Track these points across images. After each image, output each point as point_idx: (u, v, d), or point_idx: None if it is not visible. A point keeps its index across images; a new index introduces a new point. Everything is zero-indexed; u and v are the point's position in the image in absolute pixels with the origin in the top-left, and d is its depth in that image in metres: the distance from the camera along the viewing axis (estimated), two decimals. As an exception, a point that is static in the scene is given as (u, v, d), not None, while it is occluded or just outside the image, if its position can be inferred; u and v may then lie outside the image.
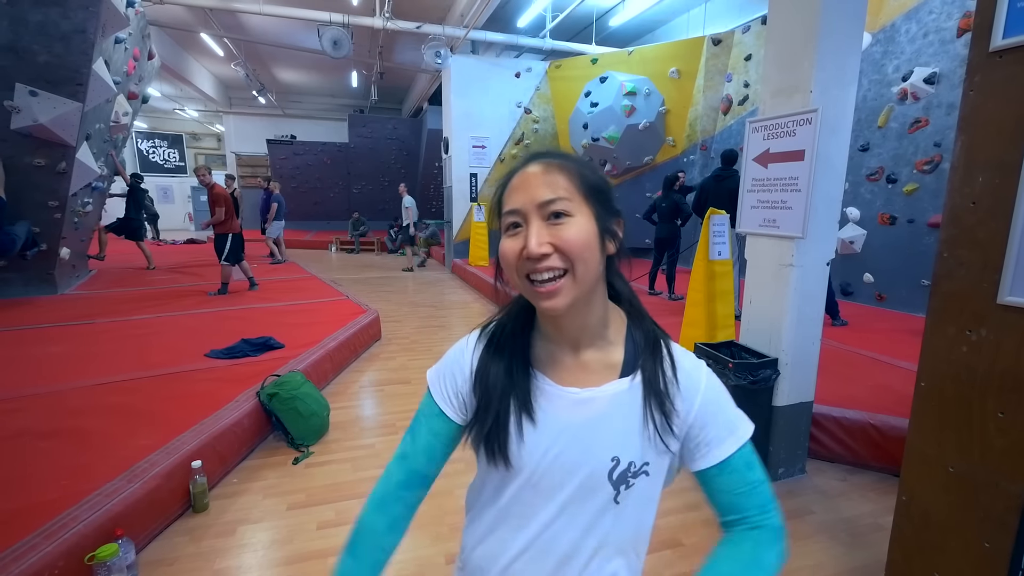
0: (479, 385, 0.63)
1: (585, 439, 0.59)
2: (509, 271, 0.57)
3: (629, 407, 0.59)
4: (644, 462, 0.59)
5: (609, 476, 0.58)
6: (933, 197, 4.60)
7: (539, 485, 0.60)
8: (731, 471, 0.60)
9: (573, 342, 0.61)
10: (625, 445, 0.58)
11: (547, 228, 0.53)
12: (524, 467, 0.60)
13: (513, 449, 0.60)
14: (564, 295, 0.53)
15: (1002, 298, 1.17)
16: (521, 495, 0.61)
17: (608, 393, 0.59)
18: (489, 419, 0.61)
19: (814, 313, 2.31)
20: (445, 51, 8.27)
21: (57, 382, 2.91)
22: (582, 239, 0.53)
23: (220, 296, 5.65)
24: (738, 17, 7.78)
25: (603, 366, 0.61)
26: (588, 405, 0.59)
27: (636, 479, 0.59)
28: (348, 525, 2.13)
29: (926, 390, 1.37)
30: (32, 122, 4.53)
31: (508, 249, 0.56)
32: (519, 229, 0.55)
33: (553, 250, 0.52)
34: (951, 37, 4.40)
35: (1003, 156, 1.17)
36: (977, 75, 1.23)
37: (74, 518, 1.67)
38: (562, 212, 0.53)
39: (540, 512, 0.60)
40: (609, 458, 0.58)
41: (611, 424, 0.59)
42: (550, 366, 0.62)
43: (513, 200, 0.56)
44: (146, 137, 16.83)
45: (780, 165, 2.22)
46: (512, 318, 0.65)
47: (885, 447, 2.42)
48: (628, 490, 0.59)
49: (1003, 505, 1.19)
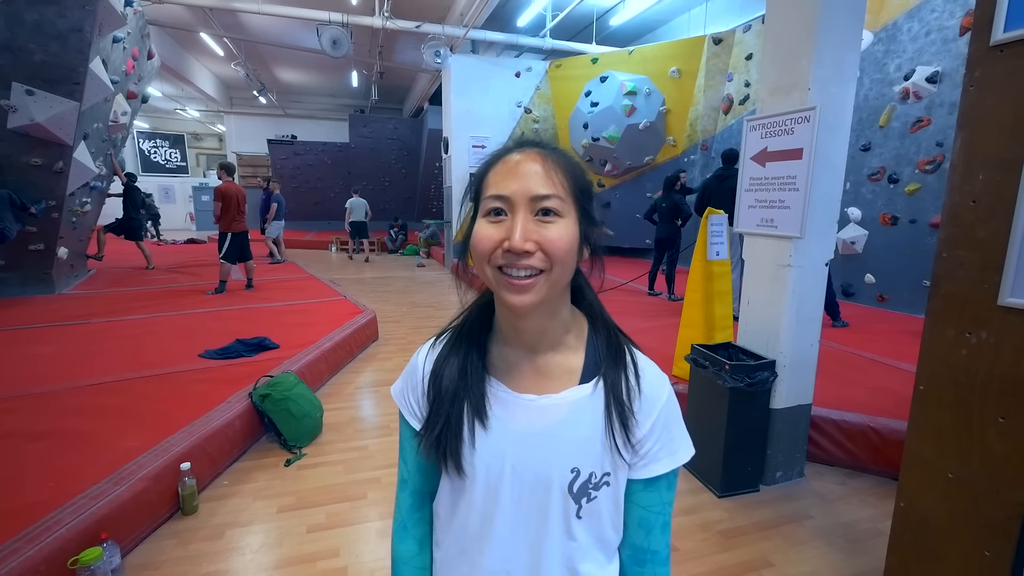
0: (432, 389, 0.60)
1: (543, 448, 0.56)
2: (480, 260, 0.52)
3: (589, 415, 0.56)
4: (605, 472, 0.56)
5: (569, 488, 0.55)
6: (935, 197, 4.55)
7: (498, 497, 0.57)
8: (655, 489, 0.58)
9: (531, 346, 0.58)
10: (585, 455, 0.55)
11: (534, 224, 0.50)
12: (479, 476, 0.57)
13: (465, 455, 0.57)
14: (535, 293, 0.50)
15: (1003, 300, 1.14)
16: (483, 507, 0.58)
17: (567, 400, 0.57)
18: (440, 423, 0.58)
19: (813, 314, 2.28)
20: (445, 51, 8.24)
21: (50, 382, 2.89)
22: (567, 242, 0.50)
23: (217, 295, 5.61)
24: (739, 16, 7.74)
25: (562, 371, 0.58)
26: (546, 412, 0.56)
27: (598, 492, 0.56)
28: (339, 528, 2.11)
29: (925, 393, 1.34)
30: (29, 121, 4.51)
31: (485, 236, 0.51)
32: (502, 217, 0.51)
33: (537, 248, 0.49)
34: (954, 36, 4.36)
35: (1004, 153, 1.14)
36: (977, 70, 1.20)
37: (58, 521, 1.65)
38: (553, 211, 0.50)
39: (501, 527, 0.57)
40: (568, 469, 0.55)
41: (570, 433, 0.56)
42: (506, 372, 0.59)
43: (503, 185, 0.51)
44: (147, 137, 16.85)
45: (778, 164, 2.19)
46: (469, 320, 0.62)
47: (885, 450, 2.39)
48: (591, 503, 0.56)
49: (1004, 512, 1.16)
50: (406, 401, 0.64)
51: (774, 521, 2.10)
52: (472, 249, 0.53)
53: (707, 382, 2.31)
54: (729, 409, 2.19)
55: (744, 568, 1.83)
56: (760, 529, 2.05)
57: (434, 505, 0.66)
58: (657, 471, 0.57)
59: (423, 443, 0.60)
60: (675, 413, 0.59)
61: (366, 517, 2.11)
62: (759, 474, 2.34)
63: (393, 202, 14.91)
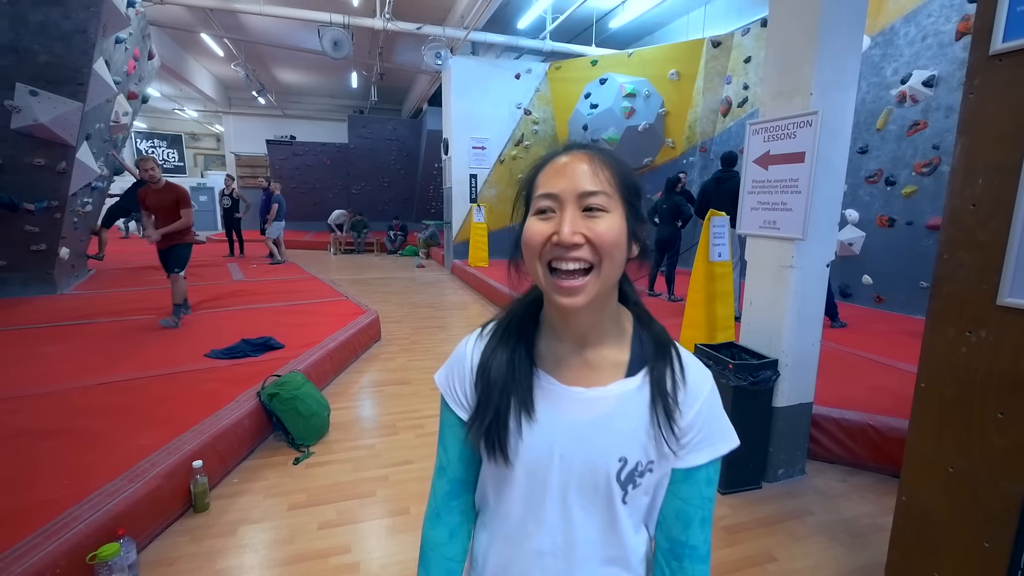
0: (480, 381, 0.62)
1: (592, 439, 0.58)
2: (530, 256, 0.55)
3: (636, 407, 0.59)
4: (650, 460, 0.58)
5: (617, 477, 0.58)
6: (932, 199, 4.62)
7: (547, 485, 0.60)
8: (694, 481, 0.60)
9: (580, 339, 0.60)
10: (632, 445, 0.58)
11: (582, 219, 0.52)
12: (528, 465, 0.60)
13: (512, 445, 0.59)
14: (586, 293, 0.53)
15: (1002, 299, 1.18)
16: (530, 495, 0.61)
17: (615, 392, 0.59)
18: (489, 414, 0.60)
19: (814, 314, 2.32)
20: (445, 52, 8.27)
21: (57, 382, 2.91)
22: (614, 235, 0.52)
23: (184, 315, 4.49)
24: (737, 19, 7.80)
25: (609, 365, 0.60)
26: (594, 404, 0.59)
27: (642, 479, 0.59)
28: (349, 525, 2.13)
29: (926, 391, 1.38)
30: (32, 122, 4.52)
31: (536, 231, 0.53)
32: (551, 214, 0.53)
33: (585, 241, 0.52)
34: (950, 40, 4.42)
35: (1003, 159, 1.18)
36: (977, 78, 1.24)
37: (75, 517, 1.67)
38: (599, 207, 0.52)
39: (549, 513, 0.60)
40: (617, 458, 0.58)
41: (618, 424, 0.58)
42: (554, 364, 0.61)
43: (552, 184, 0.54)
44: (145, 137, 16.82)
45: (780, 167, 2.23)
46: (516, 315, 0.64)
47: (884, 448, 2.43)
48: (635, 489, 0.59)
49: (1003, 505, 1.20)
50: (452, 390, 0.65)
51: (777, 517, 2.14)
52: (524, 245, 0.56)
53: (710, 381, 2.35)
54: (732, 407, 2.23)
55: (748, 563, 1.87)
56: (763, 525, 2.09)
57: (478, 491, 0.69)
58: (696, 461, 0.59)
59: (472, 433, 0.62)
60: (717, 406, 0.61)
61: (376, 514, 2.14)
62: (761, 471, 2.38)
63: (392, 203, 14.92)
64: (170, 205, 4.21)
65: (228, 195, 9.32)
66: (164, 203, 4.19)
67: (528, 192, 0.58)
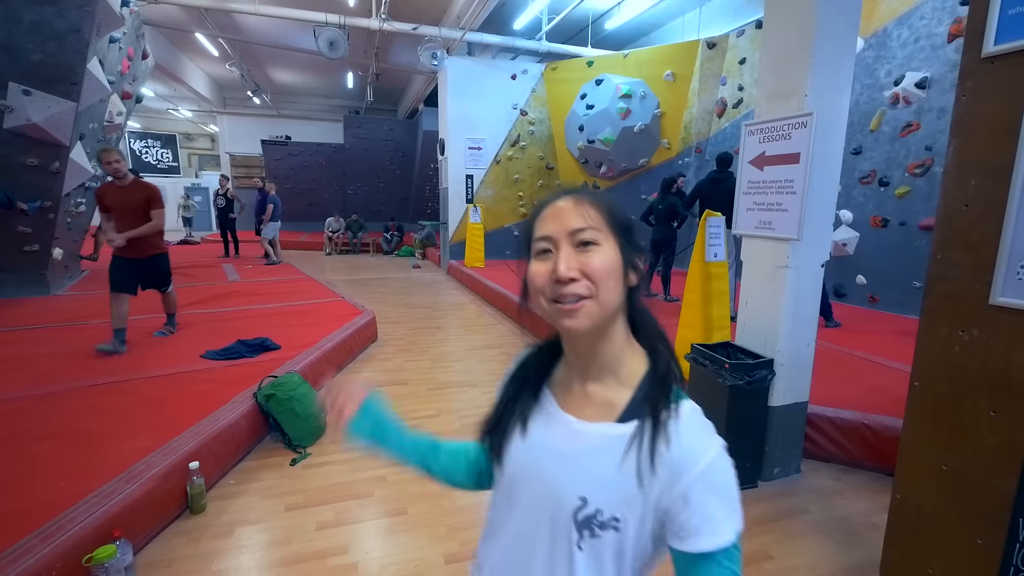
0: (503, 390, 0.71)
1: (563, 468, 0.60)
2: (535, 294, 0.59)
3: (613, 454, 0.57)
4: (614, 516, 0.55)
5: (574, 516, 0.57)
6: (925, 200, 4.66)
7: (519, 496, 0.63)
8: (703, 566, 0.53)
9: (583, 370, 0.63)
10: (596, 489, 0.57)
11: (576, 255, 0.56)
12: (511, 479, 0.64)
13: (509, 453, 0.65)
14: (585, 317, 0.56)
15: (994, 299, 1.20)
16: (504, 506, 0.66)
17: (598, 432, 0.59)
18: (494, 419, 0.68)
19: (809, 314, 2.34)
20: (441, 53, 8.27)
21: (52, 383, 2.89)
22: (607, 266, 0.56)
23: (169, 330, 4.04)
24: (732, 21, 7.84)
25: (604, 403, 0.61)
26: (576, 437, 0.60)
27: (604, 532, 0.56)
28: (347, 526, 2.13)
29: (920, 390, 1.40)
30: (25, 121, 4.49)
31: (538, 272, 0.58)
32: (549, 255, 0.58)
33: (581, 276, 0.55)
34: (942, 42, 4.47)
35: (995, 160, 1.20)
36: (969, 80, 1.26)
37: (72, 519, 1.67)
38: (590, 241, 0.57)
39: (509, 528, 0.64)
40: (577, 496, 0.57)
41: (589, 464, 0.58)
42: (561, 388, 0.66)
43: (545, 228, 0.59)
44: (139, 137, 16.74)
45: (776, 168, 2.25)
46: (547, 342, 0.71)
47: (879, 447, 2.45)
48: (593, 539, 0.56)
49: (995, 502, 1.22)
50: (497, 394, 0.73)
51: (772, 516, 2.15)
52: (529, 285, 0.61)
53: (707, 380, 2.37)
54: (729, 407, 2.25)
55: (744, 561, 1.87)
56: (759, 523, 2.10)
57: None
58: (696, 546, 0.52)
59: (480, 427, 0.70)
60: (717, 484, 0.53)
61: (374, 514, 2.14)
62: (757, 470, 2.40)
63: (388, 203, 14.90)
64: (138, 205, 3.59)
65: (223, 195, 9.28)
66: (131, 202, 3.59)
67: (528, 237, 0.63)
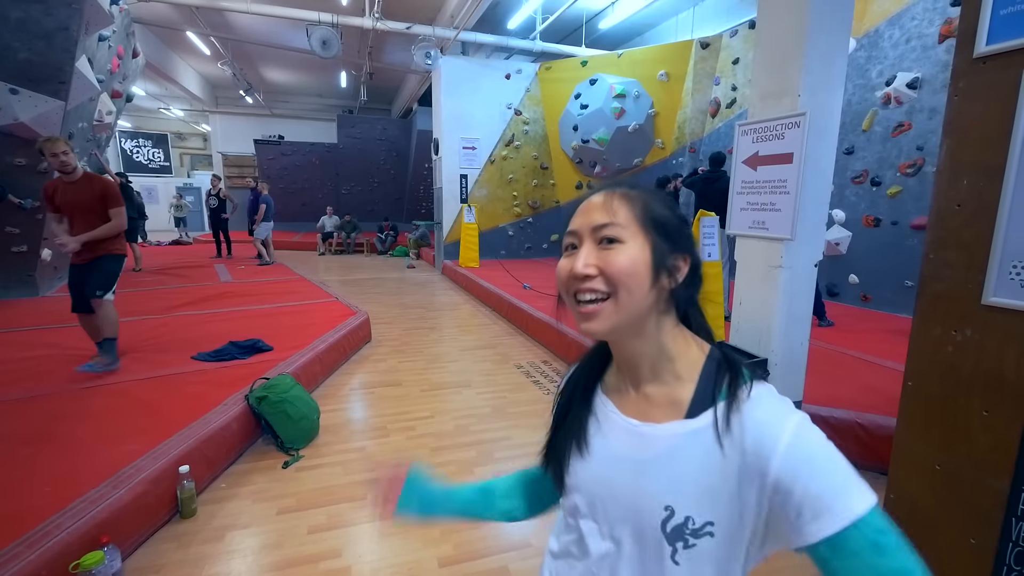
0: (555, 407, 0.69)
1: (639, 477, 0.55)
2: (561, 289, 0.58)
3: (691, 453, 0.52)
4: (707, 521, 0.51)
5: (663, 527, 0.53)
6: (916, 200, 4.69)
7: (596, 515, 0.59)
8: (848, 555, 0.45)
9: (633, 373, 0.60)
10: (681, 495, 0.52)
11: (597, 251, 0.55)
12: (582, 491, 0.61)
13: (570, 471, 0.62)
14: (603, 320, 0.54)
15: (986, 299, 1.20)
16: (579, 522, 0.61)
17: (668, 433, 0.54)
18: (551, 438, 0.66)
19: (803, 314, 2.34)
20: (435, 52, 8.25)
21: (39, 386, 2.85)
22: (627, 266, 0.53)
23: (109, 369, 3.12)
24: (726, 21, 7.87)
25: (668, 402, 0.56)
26: (645, 442, 0.56)
27: (698, 539, 0.51)
28: (340, 529, 2.11)
29: (913, 389, 1.40)
30: (12, 120, 4.43)
31: (561, 267, 0.58)
32: (574, 251, 0.57)
33: (598, 273, 0.53)
34: (933, 43, 4.50)
35: (987, 160, 1.20)
36: (961, 81, 1.26)
37: (58, 525, 1.64)
38: (614, 238, 0.54)
39: (597, 544, 0.59)
40: (662, 506, 0.53)
41: (667, 469, 0.53)
42: (617, 393, 0.63)
43: (573, 223, 0.58)
44: (130, 136, 16.57)
45: (769, 168, 2.25)
46: (593, 350, 0.68)
47: (872, 446, 2.46)
48: (688, 550, 0.52)
49: (989, 501, 1.22)
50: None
51: (767, 515, 2.15)
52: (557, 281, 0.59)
53: (701, 381, 2.36)
54: (723, 407, 2.24)
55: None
56: (754, 523, 2.10)
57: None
58: (821, 532, 0.45)
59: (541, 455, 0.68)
60: (815, 457, 0.48)
61: (367, 517, 2.11)
62: (752, 470, 2.40)
63: (382, 203, 14.85)
64: (91, 203, 3.06)
65: (215, 195, 9.21)
66: (83, 200, 3.04)
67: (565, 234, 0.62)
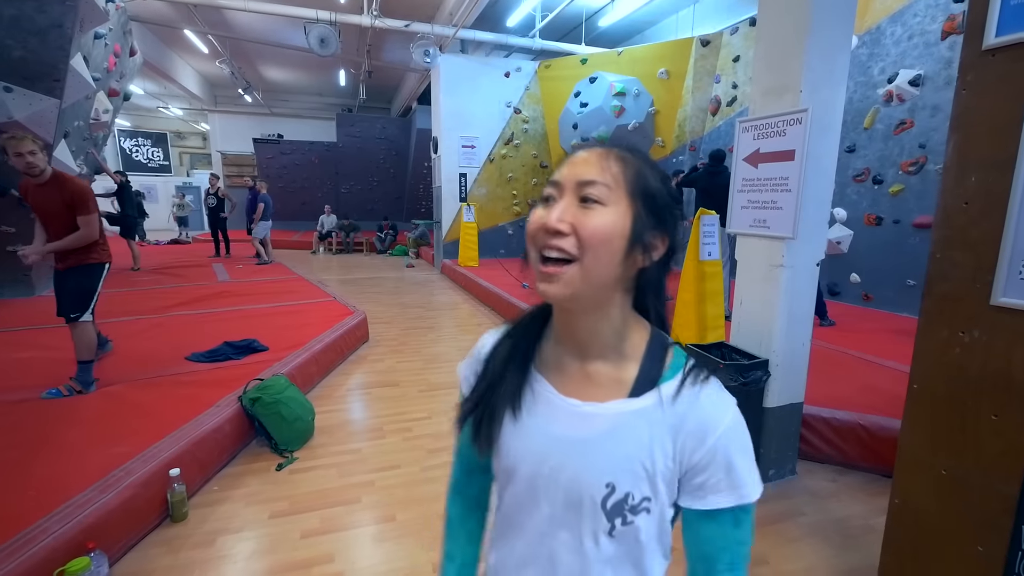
0: (481, 371, 0.63)
1: (581, 456, 0.54)
2: (528, 240, 0.54)
3: (633, 431, 0.53)
4: (644, 496, 0.53)
5: (603, 504, 0.53)
6: (918, 198, 4.65)
7: (535, 495, 0.57)
8: (716, 522, 0.53)
9: (581, 348, 0.57)
10: (623, 472, 0.53)
11: (575, 209, 0.50)
12: (520, 471, 0.58)
13: (503, 440, 0.58)
14: (563, 284, 0.50)
15: (995, 299, 1.16)
16: (521, 501, 0.59)
17: (611, 412, 0.54)
18: (474, 401, 0.61)
19: (804, 314, 2.30)
20: (434, 50, 8.20)
21: (30, 388, 2.81)
22: (603, 231, 0.49)
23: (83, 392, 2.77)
24: (726, 19, 7.82)
25: (612, 380, 0.56)
26: (588, 421, 0.55)
27: (636, 516, 0.53)
28: (333, 533, 2.08)
29: (919, 392, 1.36)
30: (7, 119, 4.38)
31: (535, 217, 0.53)
32: (552, 202, 0.52)
33: (571, 231, 0.49)
34: (935, 40, 4.45)
35: (996, 155, 1.16)
36: (970, 74, 1.22)
37: (43, 530, 1.60)
38: (595, 199, 0.50)
39: (536, 521, 0.57)
40: (603, 483, 0.53)
41: (609, 446, 0.53)
42: (555, 370, 0.59)
43: (559, 172, 0.53)
44: (129, 135, 16.52)
45: (770, 165, 2.21)
46: (530, 315, 0.63)
47: (875, 447, 2.42)
48: (627, 526, 0.53)
49: (998, 508, 1.18)
50: (465, 378, 0.66)
51: (768, 519, 2.12)
52: (526, 232, 0.54)
53: (701, 382, 2.33)
54: (723, 408, 2.21)
55: (740, 566, 1.84)
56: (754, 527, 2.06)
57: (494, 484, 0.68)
58: (715, 504, 0.52)
59: (459, 414, 0.63)
60: (738, 445, 0.53)
61: (361, 521, 2.08)
62: (752, 472, 2.36)
63: (381, 202, 14.80)
64: (58, 209, 2.69)
65: (213, 194, 9.17)
66: (50, 205, 2.70)
67: None
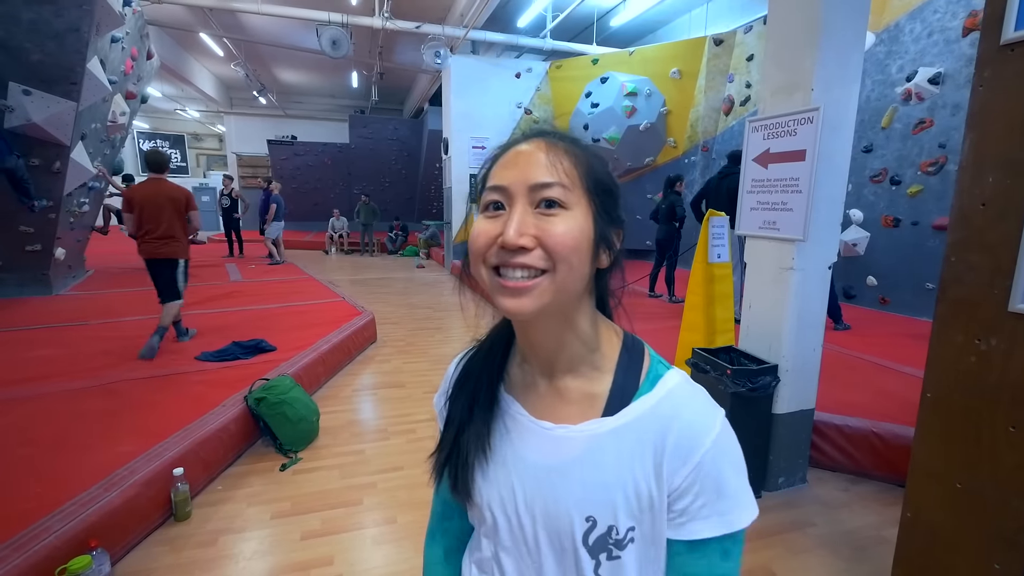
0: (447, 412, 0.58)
1: (555, 488, 0.48)
2: (474, 258, 0.46)
3: (612, 455, 0.47)
4: (629, 527, 0.47)
5: (584, 540, 0.47)
6: (938, 199, 4.52)
7: (509, 531, 0.52)
8: (702, 553, 0.46)
9: (547, 364, 0.51)
10: (602, 503, 0.47)
11: (534, 217, 0.44)
12: (492, 506, 0.52)
13: (476, 482, 0.53)
14: (534, 297, 0.43)
15: (1014, 306, 1.11)
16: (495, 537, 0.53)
17: (585, 434, 0.48)
18: (446, 447, 0.55)
19: (815, 318, 2.24)
20: (445, 51, 8.21)
21: (43, 385, 2.86)
22: (573, 238, 0.43)
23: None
24: (740, 17, 7.71)
25: (584, 397, 0.50)
26: (561, 445, 0.49)
27: (622, 550, 0.47)
28: (333, 535, 2.07)
29: (932, 401, 1.30)
30: (26, 121, 4.48)
31: (481, 232, 0.45)
32: (500, 212, 0.45)
33: (536, 245, 0.43)
34: (956, 37, 4.33)
35: (1014, 154, 1.11)
36: (987, 70, 1.16)
37: (46, 528, 1.62)
38: (556, 201, 0.44)
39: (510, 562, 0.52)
40: (583, 516, 0.47)
41: (586, 474, 0.47)
42: (524, 391, 0.53)
43: (501, 175, 0.46)
44: (148, 137, 16.86)
45: (780, 165, 2.16)
46: (490, 339, 0.57)
47: (888, 456, 2.35)
48: (613, 561, 0.47)
49: (1015, 524, 1.12)
50: (440, 412, 0.61)
51: (776, 529, 2.06)
52: (469, 248, 0.47)
53: (708, 386, 2.27)
54: (730, 414, 2.14)
55: (746, 577, 1.80)
56: (761, 537, 2.01)
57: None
58: (700, 533, 0.46)
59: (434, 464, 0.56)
60: (726, 462, 0.47)
61: (362, 524, 2.07)
62: (761, 480, 2.31)
63: (393, 203, 14.87)
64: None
65: (227, 195, 9.29)
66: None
67: (480, 188, 0.49)
